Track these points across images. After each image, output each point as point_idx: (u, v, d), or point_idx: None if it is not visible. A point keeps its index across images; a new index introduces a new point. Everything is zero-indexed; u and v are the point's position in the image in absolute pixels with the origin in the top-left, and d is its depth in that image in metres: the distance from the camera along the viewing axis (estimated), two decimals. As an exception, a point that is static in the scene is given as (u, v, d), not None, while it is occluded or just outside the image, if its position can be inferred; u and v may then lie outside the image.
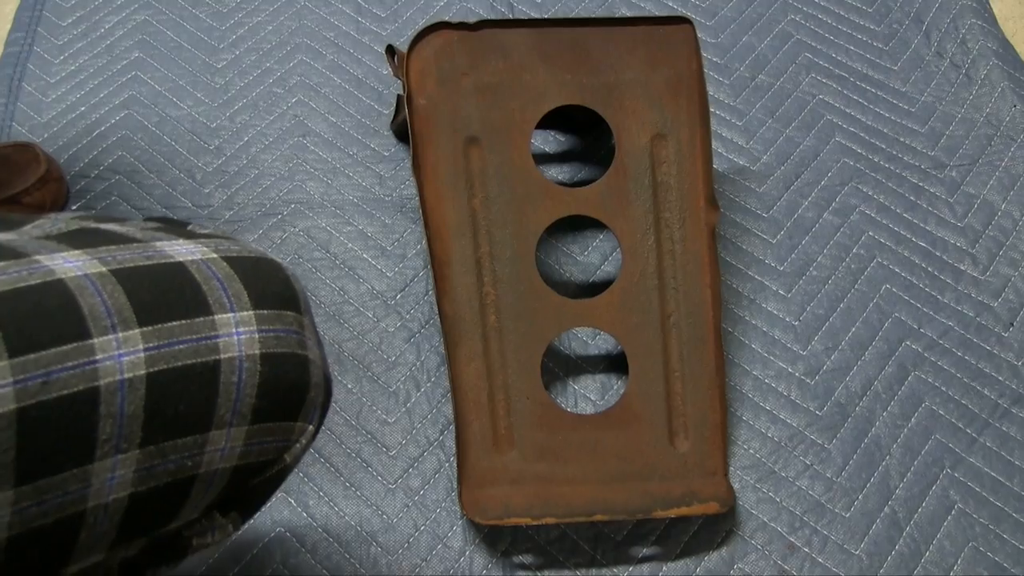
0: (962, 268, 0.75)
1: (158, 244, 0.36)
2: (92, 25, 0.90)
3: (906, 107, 0.86)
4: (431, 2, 0.91)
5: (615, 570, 0.62)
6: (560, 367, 0.70)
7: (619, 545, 0.63)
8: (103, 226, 0.37)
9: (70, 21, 0.90)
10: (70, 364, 0.31)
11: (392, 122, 0.83)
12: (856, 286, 0.74)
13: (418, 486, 0.65)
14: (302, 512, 0.64)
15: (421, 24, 0.69)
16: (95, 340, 0.32)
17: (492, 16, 0.89)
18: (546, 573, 0.62)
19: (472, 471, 0.63)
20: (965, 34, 0.89)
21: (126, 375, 0.32)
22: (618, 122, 0.67)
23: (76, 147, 0.82)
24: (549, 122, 0.70)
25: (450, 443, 0.66)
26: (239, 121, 0.84)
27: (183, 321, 0.34)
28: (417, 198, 0.66)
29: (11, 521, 0.30)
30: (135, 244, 0.35)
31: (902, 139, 0.83)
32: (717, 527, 0.63)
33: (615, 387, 0.70)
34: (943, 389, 0.69)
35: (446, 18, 0.67)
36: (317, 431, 0.40)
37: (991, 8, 0.92)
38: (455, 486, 0.63)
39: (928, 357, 0.71)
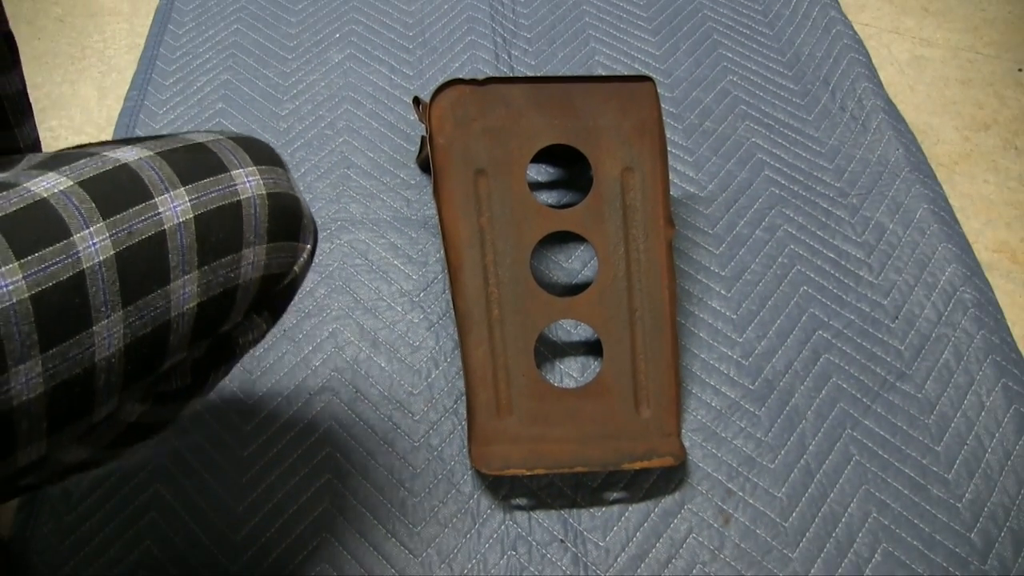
0: (861, 274, 0.74)
1: (180, 134, 0.40)
2: (187, 84, 0.89)
3: (818, 148, 0.84)
4: (449, 63, 0.90)
5: (591, 510, 0.60)
6: (549, 351, 0.69)
7: (594, 491, 0.61)
8: (128, 155, 0.38)
9: (171, 81, 0.89)
10: (143, 216, 0.34)
11: (417, 157, 0.81)
12: (781, 288, 0.73)
13: (437, 444, 0.63)
14: (346, 463, 0.62)
15: (440, 80, 0.68)
16: (156, 198, 0.35)
17: (497, 74, 0.88)
18: (537, 512, 0.60)
19: (479, 432, 0.61)
20: (860, 94, 0.88)
21: (181, 219, 0.36)
22: (595, 157, 0.65)
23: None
24: (541, 157, 0.69)
25: (462, 410, 0.64)
26: (298, 156, 0.82)
27: (211, 177, 0.37)
28: (437, 217, 0.64)
29: (124, 332, 0.34)
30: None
31: (815, 173, 0.82)
32: (671, 476, 0.62)
33: (592, 367, 0.68)
34: (846, 368, 0.68)
35: (460, 76, 0.66)
36: (313, 251, 0.43)
37: (879, 75, 0.91)
38: (466, 444, 0.61)
39: (835, 343, 0.69)
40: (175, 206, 0.36)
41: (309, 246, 0.42)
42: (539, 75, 0.67)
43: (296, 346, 0.68)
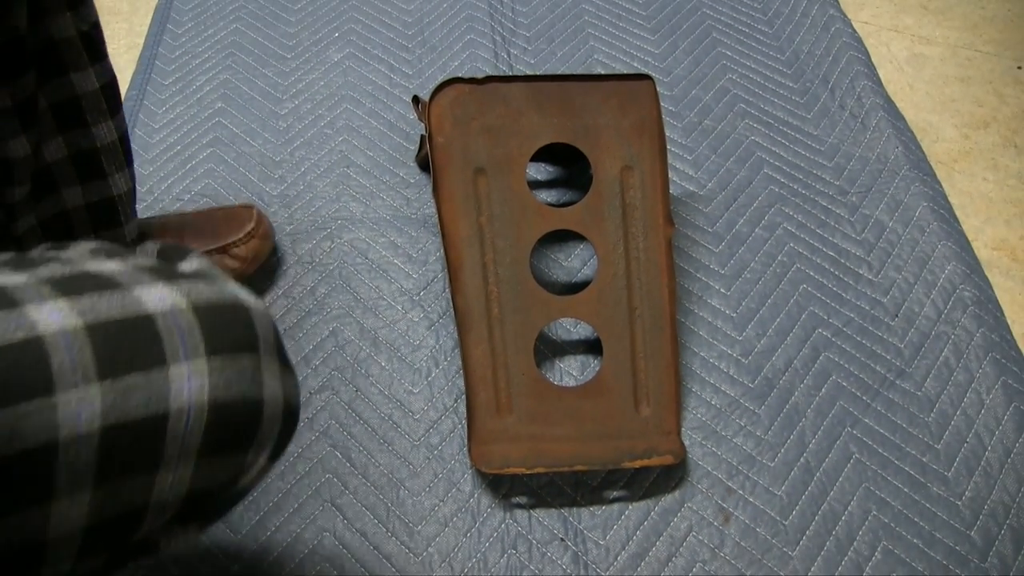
0: (860, 272, 0.74)
1: (137, 291, 0.32)
2: (186, 84, 0.89)
3: (817, 147, 0.84)
4: (448, 62, 0.90)
5: (591, 509, 0.60)
6: (549, 349, 0.68)
7: (594, 489, 0.61)
8: (101, 268, 0.33)
9: (170, 81, 0.89)
10: (35, 416, 0.27)
11: (416, 156, 0.81)
12: (780, 286, 0.73)
13: (437, 442, 0.63)
14: (346, 462, 0.62)
15: (440, 79, 0.68)
16: (57, 396, 0.28)
17: (496, 73, 0.87)
18: (538, 511, 0.60)
19: (479, 431, 0.61)
20: (860, 92, 0.87)
21: (83, 429, 0.28)
22: (595, 156, 0.65)
23: (174, 176, 0.81)
24: (540, 156, 0.68)
25: (462, 409, 0.64)
26: (298, 155, 0.82)
27: (140, 374, 0.30)
28: (436, 216, 0.64)
29: None
30: (117, 292, 0.31)
31: (815, 171, 0.82)
32: (671, 475, 0.62)
33: (592, 365, 0.67)
34: (845, 366, 0.67)
35: (460, 75, 0.66)
36: (275, 458, 0.35)
37: (878, 74, 0.91)
38: (466, 443, 0.61)
39: (835, 341, 0.69)
40: (80, 410, 0.28)
41: (265, 454, 0.35)
42: (538, 74, 0.67)
43: (296, 344, 0.68)
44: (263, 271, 0.72)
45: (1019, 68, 0.97)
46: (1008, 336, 0.70)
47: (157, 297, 0.32)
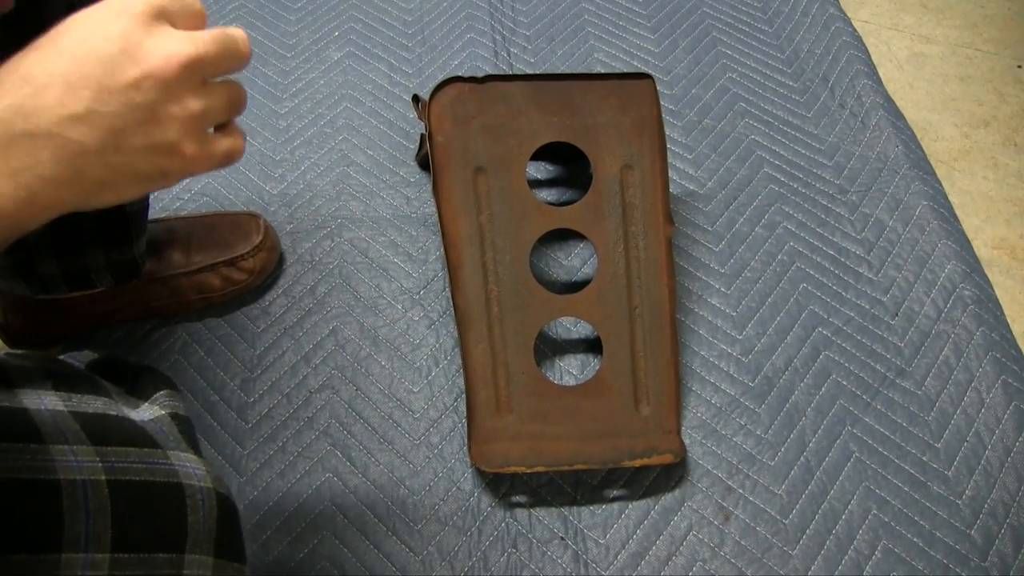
0: (860, 271, 0.74)
1: (54, 450, 0.27)
2: (183, 79, 0.88)
3: (817, 145, 0.84)
4: (448, 61, 0.90)
5: (591, 508, 0.60)
6: (549, 348, 0.68)
7: (595, 488, 0.61)
8: (37, 403, 0.28)
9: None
10: None
11: (416, 155, 0.81)
12: (780, 284, 0.73)
13: (437, 441, 0.63)
14: (346, 461, 0.62)
15: (440, 78, 0.68)
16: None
17: (496, 72, 0.88)
18: (538, 510, 0.60)
19: (479, 430, 0.60)
20: (860, 91, 0.87)
21: None
22: (595, 155, 0.65)
23: (170, 174, 0.80)
24: (540, 155, 0.68)
25: (462, 408, 0.64)
26: (298, 154, 0.82)
27: (26, 555, 0.25)
28: (436, 215, 0.64)
29: None
30: (32, 447, 0.26)
31: (814, 170, 0.82)
32: (671, 474, 0.62)
33: (592, 364, 0.67)
34: (846, 365, 0.67)
35: (460, 74, 0.66)
36: None
37: (878, 72, 0.91)
38: (466, 442, 0.61)
39: (835, 340, 0.69)
40: None
41: None
42: (538, 73, 0.67)
43: (296, 343, 0.68)
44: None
45: (1019, 67, 0.97)
46: (1008, 335, 0.70)
47: (75, 463, 0.27)
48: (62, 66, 0.27)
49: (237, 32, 0.30)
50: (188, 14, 0.29)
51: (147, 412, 0.35)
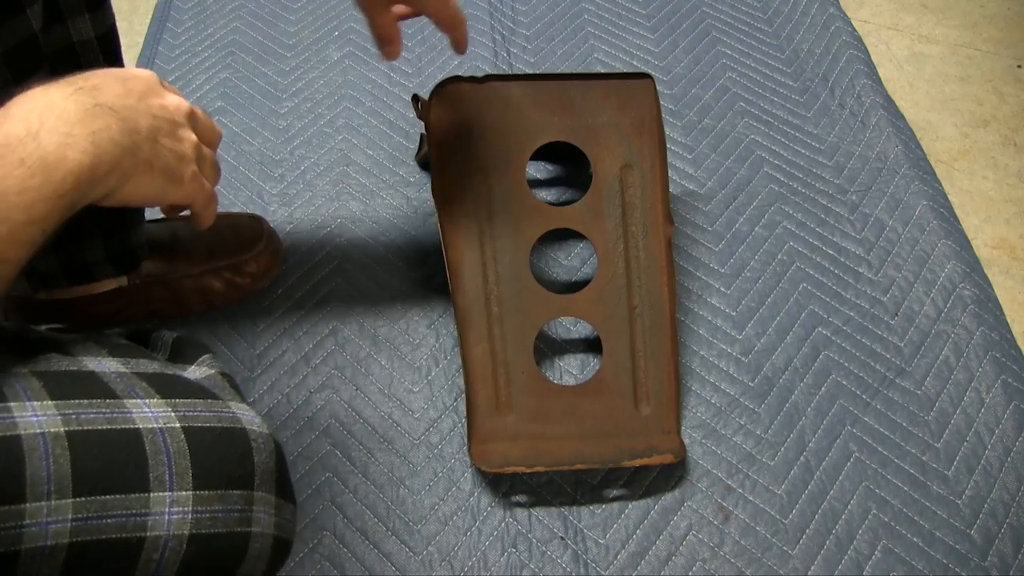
0: (860, 271, 0.74)
1: (129, 404, 0.31)
2: (187, 82, 0.88)
3: (817, 145, 0.84)
4: (448, 61, 0.90)
5: (591, 507, 0.60)
6: (549, 348, 0.68)
7: (594, 488, 0.61)
8: (100, 367, 0.32)
9: (170, 80, 0.89)
10: None
11: (416, 155, 0.81)
12: (780, 284, 0.73)
13: (437, 441, 0.63)
14: (346, 461, 0.62)
15: (440, 78, 0.68)
16: (27, 505, 0.26)
17: (496, 72, 0.88)
18: (537, 509, 0.60)
19: (479, 430, 0.60)
20: (859, 91, 0.87)
21: (49, 542, 0.27)
22: (595, 155, 0.65)
23: (170, 174, 0.80)
24: (540, 155, 0.68)
25: (462, 408, 0.64)
26: (297, 154, 0.82)
27: (118, 496, 0.28)
28: (436, 215, 0.64)
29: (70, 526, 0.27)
30: (108, 402, 0.30)
31: (814, 170, 0.82)
32: (671, 473, 0.62)
33: (592, 364, 0.67)
34: (845, 365, 0.67)
35: (460, 73, 0.66)
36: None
37: (877, 72, 0.91)
38: (466, 441, 0.61)
39: (834, 340, 0.69)
40: (47, 523, 0.27)
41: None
42: (538, 72, 0.67)
43: (296, 343, 0.68)
44: (263, 270, 0.72)
45: (1019, 67, 0.97)
46: (1008, 335, 0.70)
47: (150, 414, 0.31)
48: (115, 75, 0.35)
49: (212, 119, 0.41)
50: (174, 89, 0.39)
51: (197, 372, 0.39)
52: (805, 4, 0.98)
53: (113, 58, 0.55)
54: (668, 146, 0.83)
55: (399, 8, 0.54)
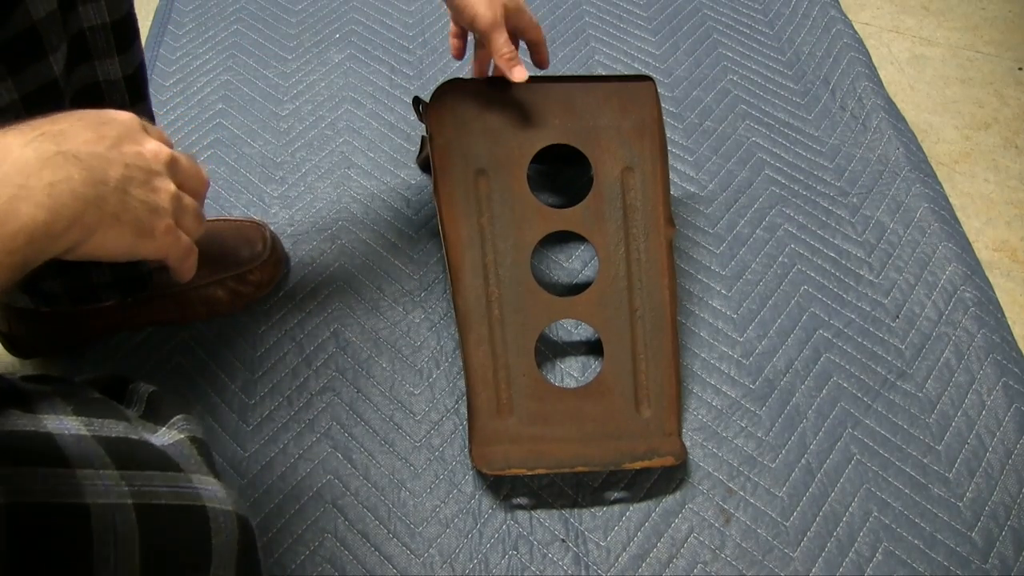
0: (861, 273, 0.74)
1: (80, 475, 0.28)
2: (187, 85, 0.89)
3: (818, 148, 0.84)
4: (449, 64, 0.90)
5: (592, 510, 0.60)
6: (550, 350, 0.69)
7: (595, 490, 0.61)
8: (60, 426, 0.30)
9: (171, 82, 0.89)
10: None
11: (417, 157, 0.81)
12: (781, 287, 0.73)
13: (438, 444, 0.63)
14: (347, 463, 0.62)
15: (441, 80, 0.68)
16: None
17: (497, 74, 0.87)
18: (539, 512, 0.60)
19: (480, 432, 0.61)
20: (861, 93, 0.87)
21: None
22: (596, 157, 0.65)
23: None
24: (541, 157, 0.68)
25: (463, 410, 0.64)
26: (298, 157, 0.82)
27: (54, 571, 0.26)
28: (437, 217, 0.64)
29: None
30: (58, 471, 0.28)
31: (815, 172, 0.82)
32: (672, 476, 0.62)
33: (593, 367, 0.68)
34: (846, 367, 0.67)
35: (460, 76, 0.66)
36: None
37: (879, 75, 0.91)
38: (467, 444, 0.61)
39: (836, 342, 0.69)
40: None
41: None
42: (539, 75, 0.67)
43: (298, 345, 0.68)
44: (264, 272, 0.72)
45: (1020, 69, 0.97)
46: (1009, 337, 0.70)
47: (102, 487, 0.29)
48: (87, 119, 0.32)
49: (201, 167, 0.38)
50: (159, 133, 0.36)
51: (166, 436, 0.36)
52: (806, 6, 0.98)
53: (139, 96, 0.54)
54: (669, 148, 0.83)
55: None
